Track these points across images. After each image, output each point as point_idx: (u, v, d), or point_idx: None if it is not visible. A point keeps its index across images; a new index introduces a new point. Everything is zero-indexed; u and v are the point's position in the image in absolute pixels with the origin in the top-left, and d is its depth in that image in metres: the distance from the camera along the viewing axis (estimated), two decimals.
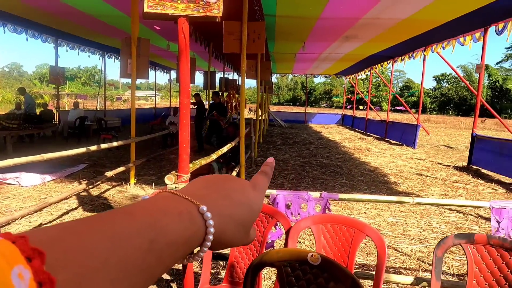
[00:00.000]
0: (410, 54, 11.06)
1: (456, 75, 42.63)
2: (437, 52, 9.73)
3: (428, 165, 8.11)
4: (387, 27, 8.06)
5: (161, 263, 0.28)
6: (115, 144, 5.15)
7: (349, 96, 27.10)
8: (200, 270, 2.20)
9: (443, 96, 52.83)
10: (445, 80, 55.11)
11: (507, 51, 62.58)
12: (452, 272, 3.00)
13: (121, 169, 5.34)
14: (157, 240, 0.28)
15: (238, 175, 5.02)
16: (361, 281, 2.41)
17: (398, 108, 31.70)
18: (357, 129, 18.35)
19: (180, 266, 2.79)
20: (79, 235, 0.24)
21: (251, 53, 5.46)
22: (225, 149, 4.53)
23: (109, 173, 5.04)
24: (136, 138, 5.35)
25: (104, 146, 5.03)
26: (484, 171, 7.44)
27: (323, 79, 21.47)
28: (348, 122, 20.97)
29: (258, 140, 9.79)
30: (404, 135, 12.03)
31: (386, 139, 13.55)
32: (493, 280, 1.52)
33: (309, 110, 33.83)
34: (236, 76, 17.60)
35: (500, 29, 6.99)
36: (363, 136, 14.85)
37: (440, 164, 8.36)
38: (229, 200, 0.37)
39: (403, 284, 2.49)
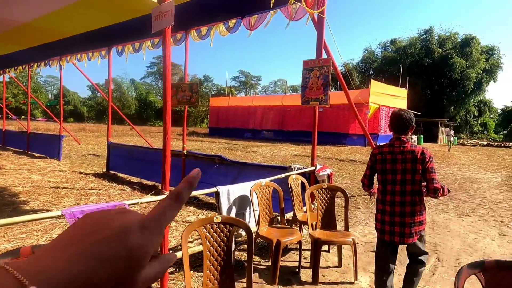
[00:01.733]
0: (46, 62, 10.51)
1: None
2: (73, 63, 9.87)
3: (69, 176, 8.05)
4: (9, 27, 7.16)
5: None
6: None
7: None
8: None
9: (99, 106, 55.18)
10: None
11: (148, 69, 74.98)
12: None
13: None
14: None
15: None
16: None
17: (39, 119, 29.71)
18: None
19: None
20: None
21: None
22: None
23: None
24: None
25: None
26: (120, 174, 8.39)
27: None
28: None
29: None
30: (49, 147, 11.30)
31: (29, 152, 12.16)
32: None
33: None
34: None
35: (120, 51, 8.10)
36: None
37: (82, 173, 8.56)
38: (94, 260, 0.31)
39: None
